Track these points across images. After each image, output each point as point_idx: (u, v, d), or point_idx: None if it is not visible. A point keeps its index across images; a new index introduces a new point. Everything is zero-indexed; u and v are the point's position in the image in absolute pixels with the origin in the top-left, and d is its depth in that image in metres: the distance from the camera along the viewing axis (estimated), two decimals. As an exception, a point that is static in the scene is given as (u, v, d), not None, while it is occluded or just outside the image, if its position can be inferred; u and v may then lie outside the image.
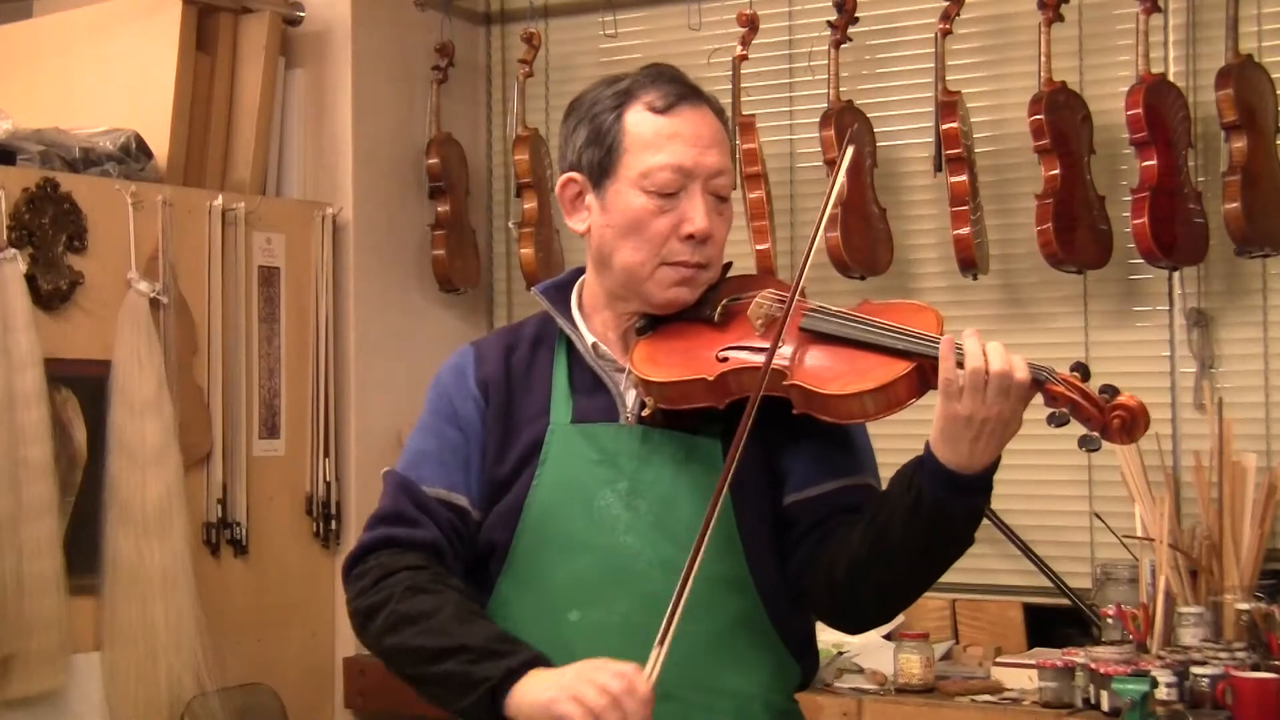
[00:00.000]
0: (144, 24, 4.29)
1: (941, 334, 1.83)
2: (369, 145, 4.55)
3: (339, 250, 4.46)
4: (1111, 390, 1.78)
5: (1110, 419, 1.77)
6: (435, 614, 1.90)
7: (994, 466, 1.83)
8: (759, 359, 1.90)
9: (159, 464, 3.80)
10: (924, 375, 1.82)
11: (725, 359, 1.92)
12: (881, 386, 1.83)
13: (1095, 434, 1.79)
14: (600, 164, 2.00)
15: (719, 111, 2.05)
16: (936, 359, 1.80)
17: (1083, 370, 1.80)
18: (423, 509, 2.00)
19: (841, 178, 2.06)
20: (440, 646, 1.88)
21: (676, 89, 2.00)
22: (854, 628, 2.07)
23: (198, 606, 3.85)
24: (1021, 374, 1.77)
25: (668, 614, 1.79)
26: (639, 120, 1.99)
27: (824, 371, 1.87)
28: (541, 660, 1.85)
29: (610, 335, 2.05)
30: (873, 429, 2.01)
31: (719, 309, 2.00)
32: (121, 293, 3.85)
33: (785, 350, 1.91)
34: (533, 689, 1.81)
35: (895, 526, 1.83)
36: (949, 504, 1.81)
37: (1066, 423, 1.80)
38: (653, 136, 1.97)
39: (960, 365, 1.77)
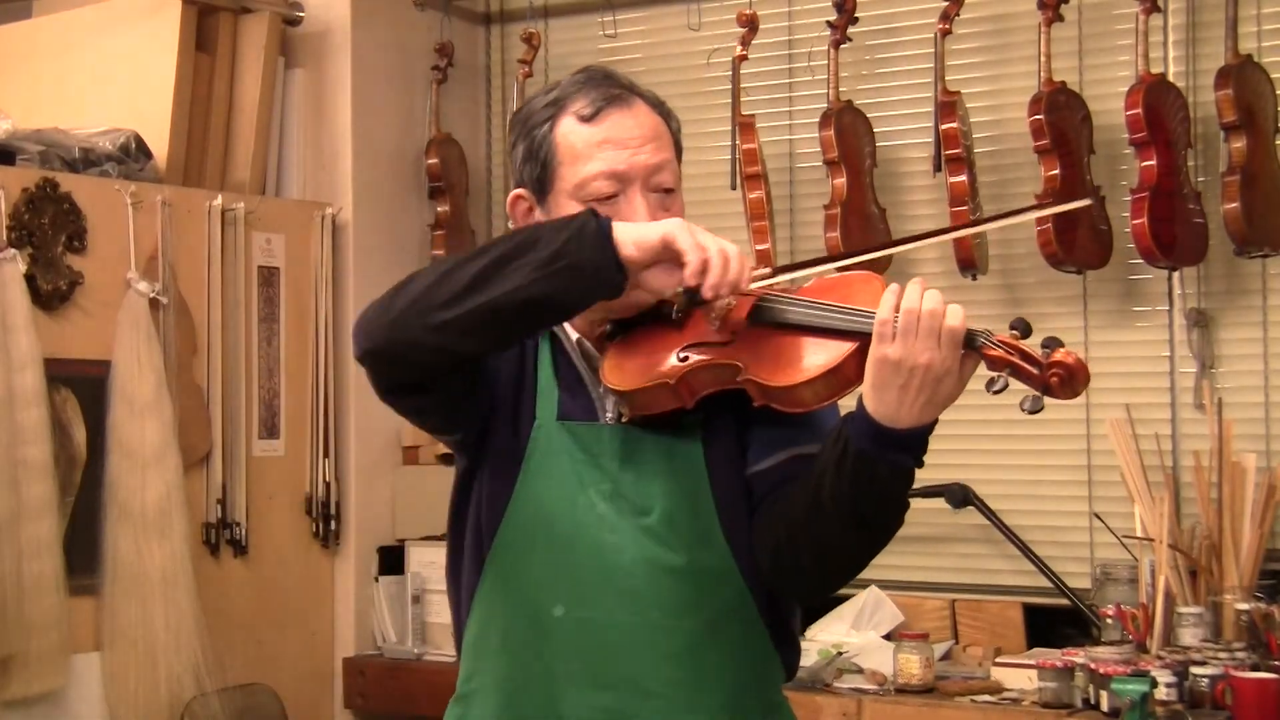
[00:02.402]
0: (144, 24, 4.29)
1: None
2: (369, 145, 4.55)
3: (339, 250, 4.46)
4: (1054, 343, 1.76)
5: (1049, 377, 1.74)
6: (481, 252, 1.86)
7: (926, 429, 1.80)
8: (717, 356, 1.91)
9: (159, 464, 3.80)
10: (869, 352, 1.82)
11: (685, 359, 1.93)
12: (829, 370, 1.83)
13: (1037, 394, 1.77)
14: (539, 179, 2.00)
15: (655, 104, 2.03)
16: None
17: (1022, 326, 1.77)
18: None
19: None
20: (502, 250, 1.82)
21: (604, 92, 1.99)
22: (798, 593, 2.03)
23: (197, 607, 3.85)
24: (954, 319, 1.75)
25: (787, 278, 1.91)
26: (569, 131, 1.98)
27: (774, 363, 1.88)
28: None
29: (588, 337, 2.05)
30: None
31: (676, 307, 2.00)
32: (121, 293, 3.85)
33: (739, 344, 1.91)
34: (637, 225, 1.84)
35: (826, 481, 1.82)
36: (873, 457, 1.79)
37: (1005, 388, 1.77)
38: (583, 146, 1.97)
39: (897, 310, 1.77)
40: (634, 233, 1.81)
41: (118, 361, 3.80)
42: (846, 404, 1.99)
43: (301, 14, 4.50)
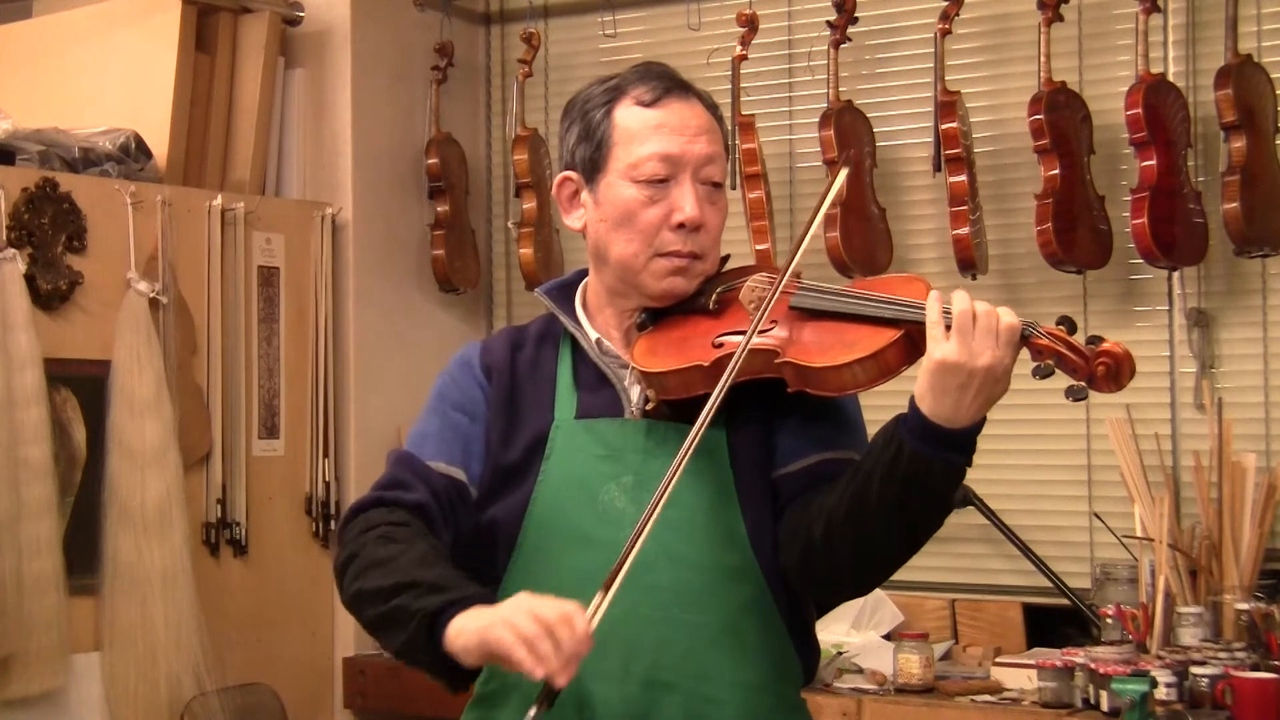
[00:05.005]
0: (144, 24, 4.30)
1: None
2: (368, 145, 4.55)
3: (339, 250, 4.46)
4: (1097, 340, 1.78)
5: (1095, 367, 1.76)
6: (399, 557, 1.89)
7: (978, 428, 1.81)
8: (754, 341, 1.91)
9: (158, 464, 3.80)
10: (913, 341, 1.83)
11: (720, 344, 1.94)
12: (871, 355, 1.84)
13: (1082, 383, 1.78)
14: (592, 159, 2.04)
15: (711, 106, 2.07)
16: (924, 323, 1.80)
17: (1068, 324, 1.80)
18: (419, 477, 2.01)
19: (836, 188, 2.07)
20: (393, 583, 1.87)
21: (664, 83, 2.04)
22: (828, 595, 2.05)
23: (197, 606, 3.85)
24: (1009, 317, 1.78)
25: (618, 561, 1.78)
26: (628, 115, 2.02)
27: (814, 346, 1.89)
28: (488, 599, 1.83)
29: (613, 333, 2.07)
30: (864, 401, 2.01)
31: (714, 298, 2.02)
32: (121, 293, 3.85)
33: (777, 331, 1.92)
34: (470, 620, 1.78)
35: (874, 483, 1.82)
36: (929, 459, 1.79)
37: (1051, 374, 1.79)
38: (640, 128, 2.01)
39: (948, 313, 1.78)
40: (460, 638, 1.78)
41: (118, 361, 3.80)
42: (869, 409, 2.01)
43: (301, 14, 4.51)
